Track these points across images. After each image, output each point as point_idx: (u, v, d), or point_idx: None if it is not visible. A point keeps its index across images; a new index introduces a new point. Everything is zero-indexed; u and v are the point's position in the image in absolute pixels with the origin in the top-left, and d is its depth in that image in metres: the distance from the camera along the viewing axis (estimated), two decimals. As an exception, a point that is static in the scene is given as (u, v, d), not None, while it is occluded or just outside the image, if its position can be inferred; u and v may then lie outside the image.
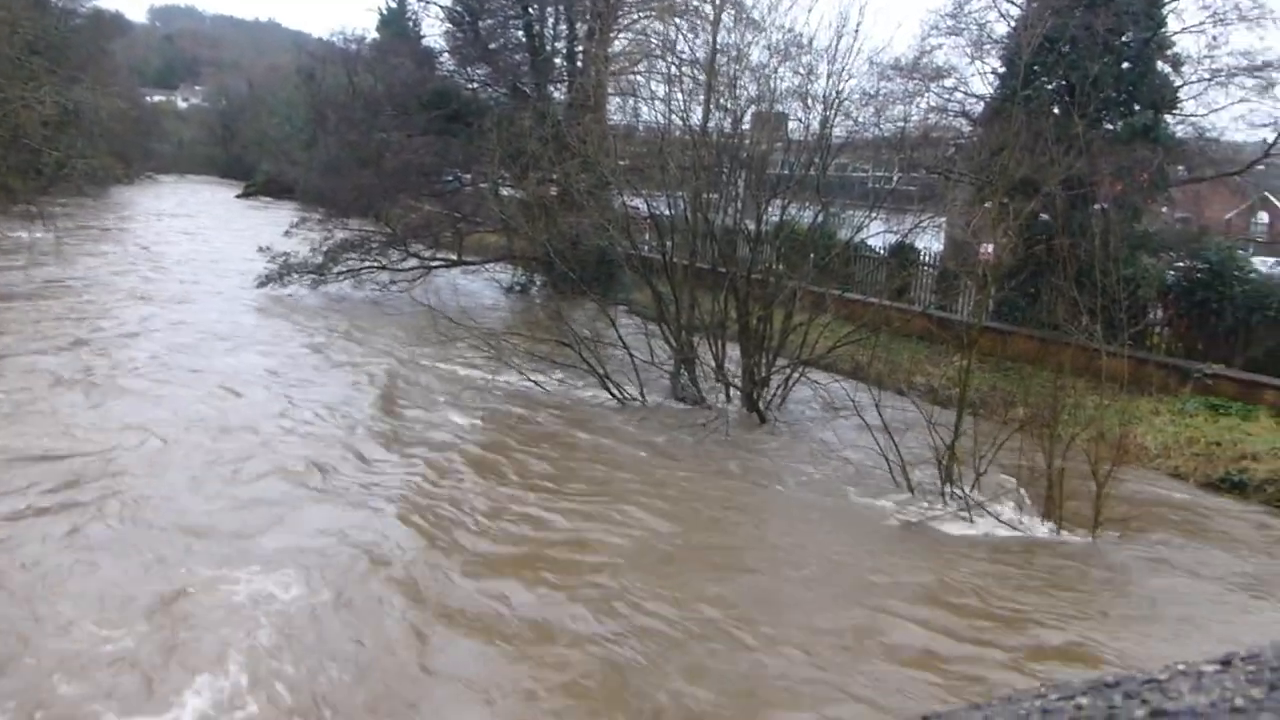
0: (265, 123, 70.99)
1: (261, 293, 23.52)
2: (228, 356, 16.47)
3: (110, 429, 11.63)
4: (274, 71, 77.75)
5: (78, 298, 21.43)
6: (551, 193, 20.04)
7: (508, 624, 7.41)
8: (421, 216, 26.80)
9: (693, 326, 15.04)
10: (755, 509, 10.63)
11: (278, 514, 9.46)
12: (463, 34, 29.02)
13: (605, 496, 10.57)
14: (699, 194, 15.10)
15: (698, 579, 8.48)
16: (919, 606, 8.15)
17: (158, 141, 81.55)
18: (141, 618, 7.09)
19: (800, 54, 16.09)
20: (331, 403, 14.03)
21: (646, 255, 16.90)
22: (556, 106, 24.01)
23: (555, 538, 9.28)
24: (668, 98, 17.03)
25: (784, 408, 14.39)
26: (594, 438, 12.95)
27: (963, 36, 18.98)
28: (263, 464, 10.95)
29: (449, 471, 11.15)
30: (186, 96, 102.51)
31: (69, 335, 16.97)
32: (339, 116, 32.95)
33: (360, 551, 8.63)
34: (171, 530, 8.79)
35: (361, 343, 18.69)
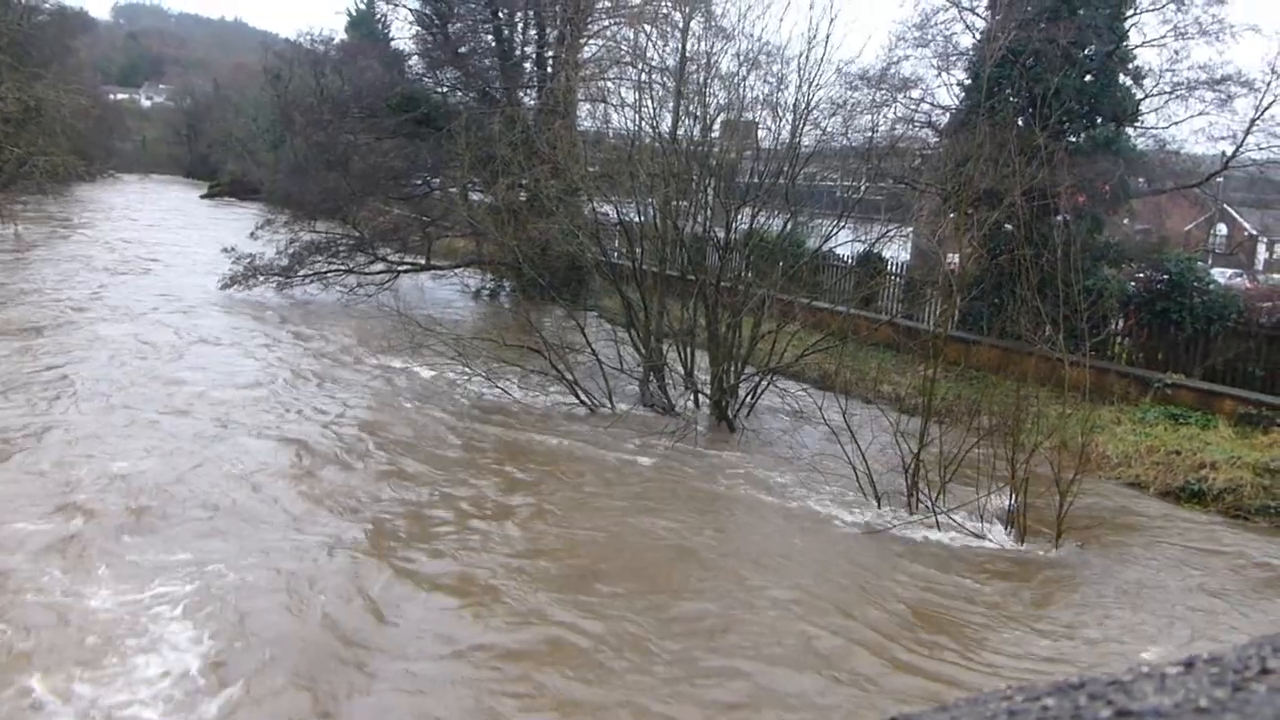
0: (231, 123, 70.22)
1: (225, 294, 23.27)
2: (187, 361, 16.28)
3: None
4: (240, 71, 76.98)
5: (34, 299, 21.09)
6: (521, 198, 20.03)
7: (454, 646, 7.35)
8: (390, 220, 26.67)
9: (662, 334, 15.08)
10: (722, 517, 10.67)
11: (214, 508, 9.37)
12: (432, 37, 28.90)
13: (571, 504, 10.57)
14: (668, 201, 15.15)
15: (662, 588, 8.51)
16: (882, 614, 8.23)
17: (120, 140, 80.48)
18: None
19: (770, 63, 16.22)
20: (291, 406, 13.98)
21: (616, 262, 16.91)
22: (526, 112, 23.99)
23: (516, 547, 9.26)
24: (637, 105, 17.06)
25: (752, 416, 14.46)
26: (562, 444, 12.93)
27: (929, 48, 19.19)
28: (213, 468, 10.84)
29: (409, 478, 11.09)
30: (150, 95, 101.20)
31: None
32: (306, 118, 32.62)
33: (298, 557, 8.56)
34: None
35: (326, 346, 18.53)
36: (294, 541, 9.00)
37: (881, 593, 8.73)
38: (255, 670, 6.63)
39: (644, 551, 9.34)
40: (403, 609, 7.79)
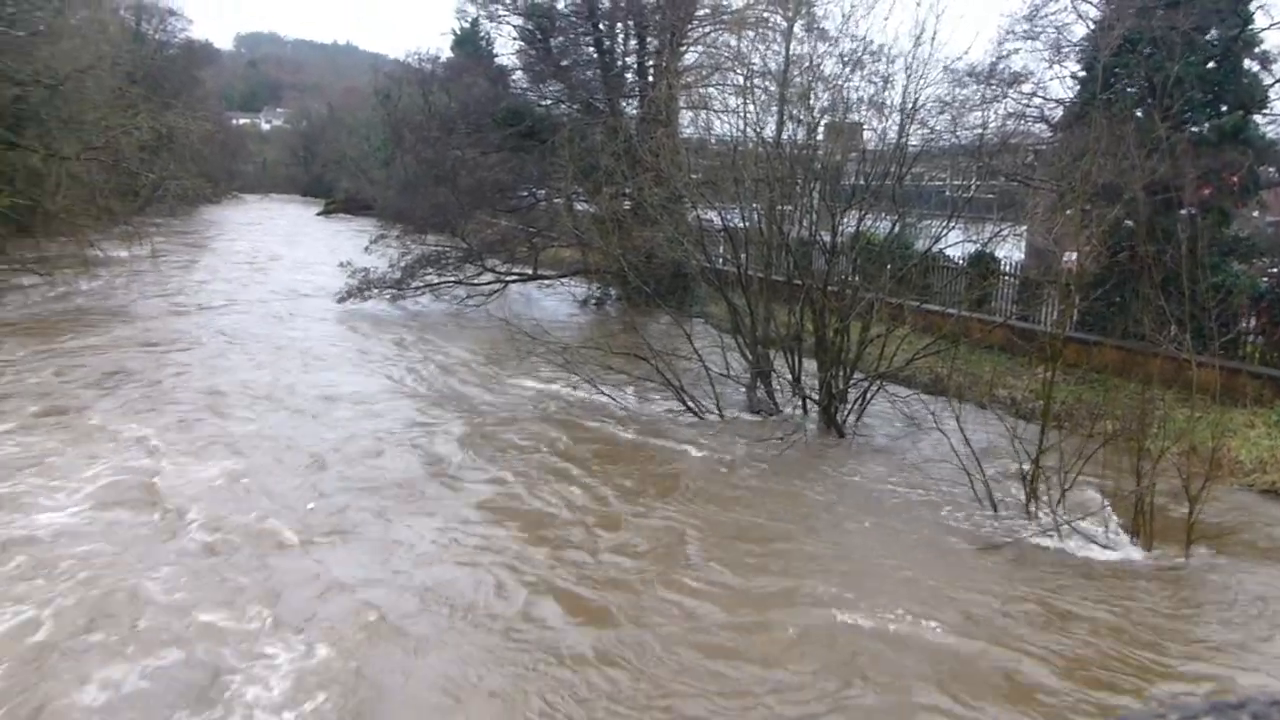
0: (344, 142, 72.73)
1: (342, 307, 24.17)
2: (311, 370, 17.01)
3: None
4: (352, 93, 79.68)
5: (168, 320, 22.30)
6: (625, 207, 20.17)
7: (560, 647, 7.46)
8: (497, 232, 27.21)
9: (768, 339, 14.99)
10: (832, 524, 10.53)
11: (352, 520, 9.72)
12: (535, 52, 29.39)
13: (680, 510, 10.60)
14: (773, 206, 15.07)
15: (774, 599, 8.45)
16: (1006, 627, 8.01)
17: (242, 162, 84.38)
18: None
19: (874, 63, 16.00)
20: (405, 415, 14.48)
21: (721, 268, 16.89)
22: (628, 121, 24.18)
23: (622, 553, 9.34)
24: (740, 110, 17.03)
25: (862, 421, 14.24)
26: (669, 450, 12.99)
27: (1039, 40, 18.61)
28: (344, 475, 11.24)
29: (522, 485, 11.29)
30: (269, 119, 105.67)
31: (160, 351, 17.75)
32: (415, 135, 33.63)
33: (415, 579, 8.79)
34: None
35: (438, 356, 19.03)
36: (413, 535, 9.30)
37: (1004, 604, 8.49)
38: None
39: (749, 562, 9.29)
40: (502, 609, 7.95)
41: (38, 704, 6.25)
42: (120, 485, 10.62)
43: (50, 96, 24.77)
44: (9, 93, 23.10)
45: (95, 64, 27.13)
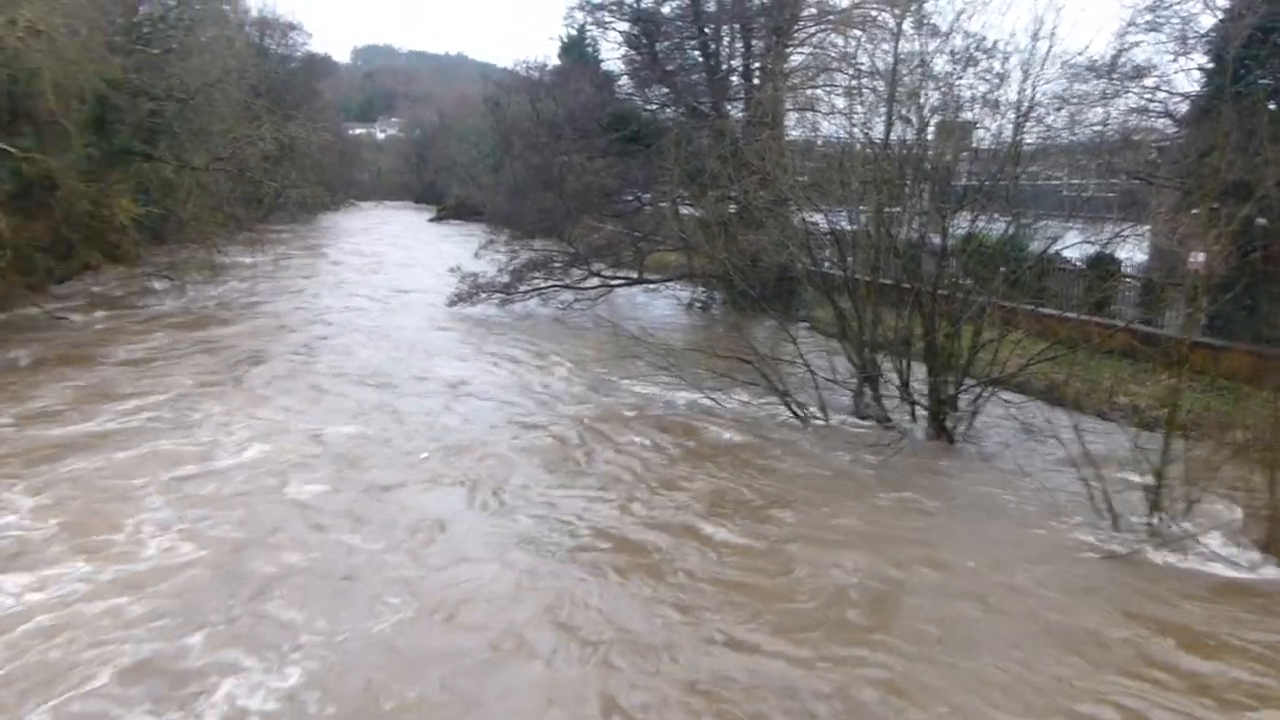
0: (454, 150, 74.46)
1: (452, 310, 24.79)
2: (422, 360, 17.63)
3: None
4: (462, 101, 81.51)
5: (299, 317, 23.29)
6: (730, 210, 20.10)
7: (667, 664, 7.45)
8: (603, 236, 27.46)
9: (876, 344, 14.73)
10: (943, 536, 10.27)
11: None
12: (640, 57, 29.60)
13: (783, 517, 10.50)
14: (881, 208, 14.81)
15: (878, 613, 8.28)
16: (1133, 651, 7.68)
17: (358, 171, 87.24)
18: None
19: (988, 59, 15.56)
20: (512, 416, 14.75)
21: (827, 271, 16.69)
22: (734, 124, 24.10)
23: (721, 562, 9.30)
24: (847, 111, 16.78)
25: (973, 429, 13.86)
26: (774, 456, 12.89)
27: (1163, 32, 17.81)
28: (441, 477, 11.53)
29: (626, 488, 11.36)
30: (384, 128, 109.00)
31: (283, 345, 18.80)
32: (523, 142, 34.23)
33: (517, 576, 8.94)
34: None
35: (544, 359, 19.31)
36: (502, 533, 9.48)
37: (1128, 626, 8.13)
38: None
39: (854, 572, 9.13)
40: (588, 615, 8.00)
41: (276, 554, 9.11)
42: (276, 436, 13.08)
43: (181, 110, 26.11)
44: (145, 107, 24.43)
45: (223, 79, 28.49)
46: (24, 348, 18.16)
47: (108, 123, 22.16)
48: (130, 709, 6.38)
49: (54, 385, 15.45)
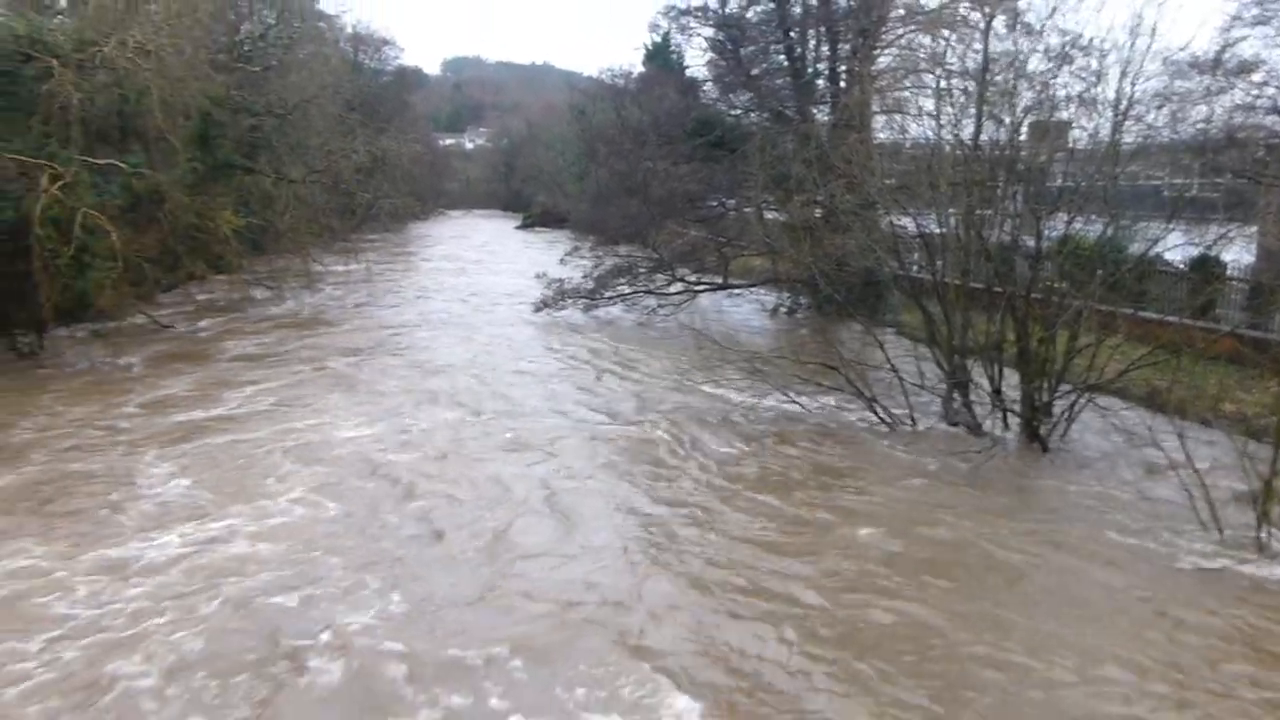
0: (541, 158, 75.37)
1: (538, 315, 25.11)
2: (511, 380, 17.87)
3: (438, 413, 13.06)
4: (549, 110, 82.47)
5: (393, 320, 23.96)
6: (816, 214, 19.94)
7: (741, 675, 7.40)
8: (687, 242, 27.48)
9: (966, 349, 14.42)
10: (1038, 546, 9.98)
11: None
12: (725, 62, 29.59)
13: (872, 526, 10.34)
14: (971, 210, 14.50)
15: (974, 627, 8.09)
16: (1241, 673, 7.37)
17: (448, 180, 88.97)
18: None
19: (1084, 57, 15.11)
20: (594, 413, 15.03)
21: (915, 275, 16.41)
22: (820, 128, 23.89)
23: (804, 571, 9.20)
24: (936, 112, 16.48)
25: (1068, 436, 13.46)
26: (860, 462, 12.72)
27: (1271, 25, 17.06)
28: (532, 475, 11.67)
29: (709, 494, 11.33)
30: (473, 138, 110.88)
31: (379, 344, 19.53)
32: (608, 149, 34.52)
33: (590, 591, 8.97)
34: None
35: (627, 362, 19.40)
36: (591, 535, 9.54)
37: (1239, 646, 7.80)
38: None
39: (943, 583, 8.95)
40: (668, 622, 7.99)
41: (395, 507, 11.00)
42: (380, 418, 14.72)
43: (280, 125, 26.99)
44: (246, 123, 25.32)
45: (319, 94, 29.41)
46: (135, 354, 19.08)
47: (211, 138, 23.03)
48: (316, 606, 8.30)
49: (173, 379, 17.01)
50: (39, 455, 12.43)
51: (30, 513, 10.40)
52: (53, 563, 9.02)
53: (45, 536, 9.66)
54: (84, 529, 9.92)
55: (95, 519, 10.24)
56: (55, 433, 13.46)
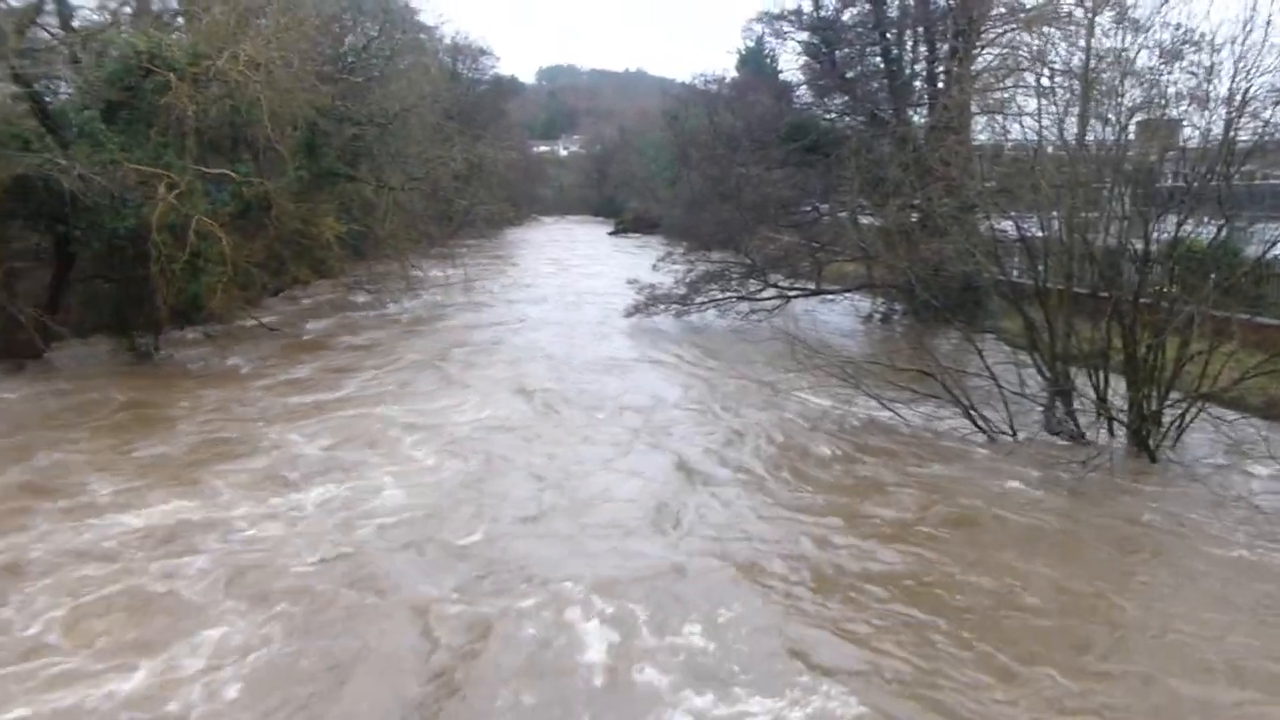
0: (633, 164, 75.83)
1: (629, 320, 25.23)
2: (603, 375, 18.46)
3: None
4: (642, 116, 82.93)
5: (491, 320, 24.55)
6: (913, 219, 19.58)
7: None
8: (780, 247, 27.29)
9: (1069, 356, 13.97)
10: (1146, 565, 9.61)
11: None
12: (819, 65, 29.29)
13: (967, 538, 10.10)
14: (1075, 213, 14.05)
15: (1082, 655, 7.80)
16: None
17: (542, 186, 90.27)
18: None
19: (1195, 53, 14.49)
20: (688, 424, 14.97)
21: (1016, 280, 15.98)
22: (917, 130, 23.47)
23: (900, 588, 9.02)
24: (1038, 112, 16.01)
25: (1179, 446, 12.93)
26: (957, 472, 12.42)
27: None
28: (622, 486, 11.74)
29: (800, 502, 11.22)
30: (566, 145, 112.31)
31: (478, 344, 20.36)
32: (700, 154, 34.49)
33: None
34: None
35: (720, 369, 19.37)
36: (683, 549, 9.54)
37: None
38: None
39: (1045, 603, 8.68)
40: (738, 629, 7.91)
41: (503, 465, 13.20)
42: (487, 399, 16.58)
43: (381, 134, 27.72)
44: (349, 132, 26.08)
45: (419, 103, 30.10)
46: (246, 354, 19.94)
47: (316, 147, 23.78)
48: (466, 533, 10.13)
49: (291, 369, 18.79)
50: (187, 427, 14.19)
51: (196, 467, 12.10)
52: (229, 509, 10.63)
53: (213, 488, 11.28)
54: (243, 483, 11.51)
55: (253, 475, 11.83)
56: (197, 414, 14.96)
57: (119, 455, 12.65)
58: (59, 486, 11.25)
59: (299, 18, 22.50)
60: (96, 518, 10.18)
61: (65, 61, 20.00)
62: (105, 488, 11.22)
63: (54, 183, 16.76)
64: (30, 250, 19.18)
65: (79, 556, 9.14)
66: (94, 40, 19.84)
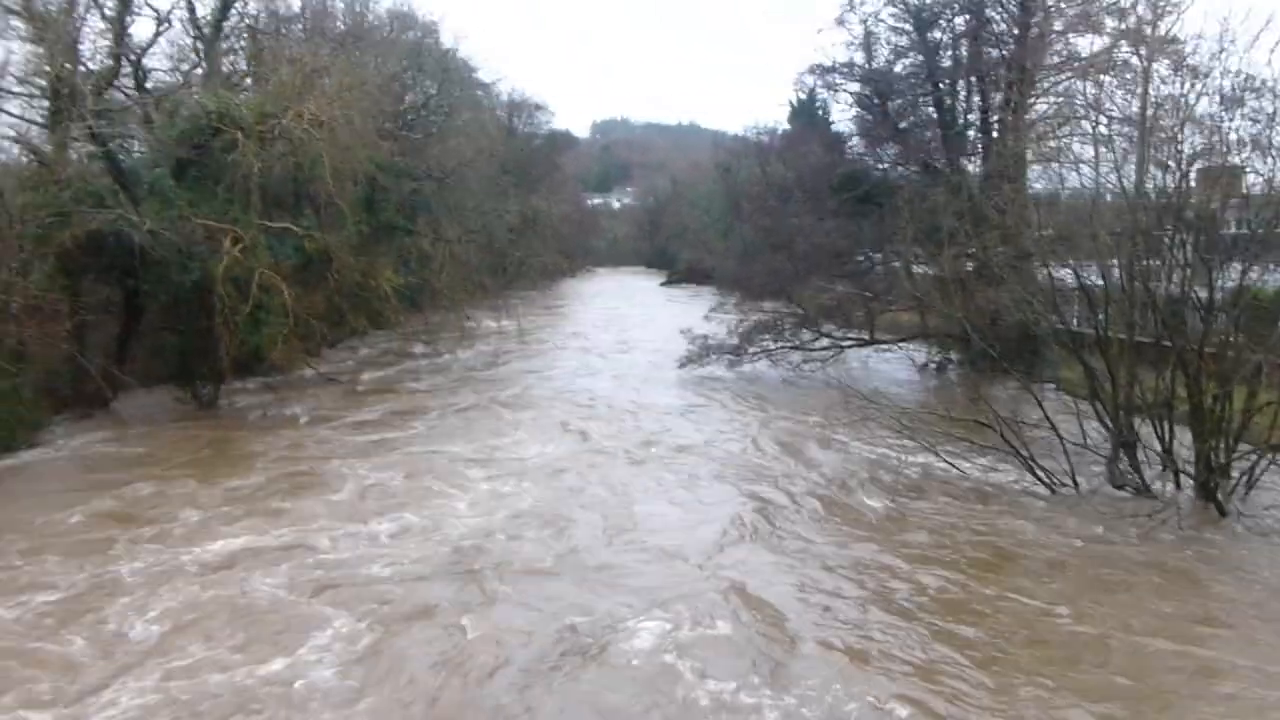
0: (685, 216, 76.38)
1: (682, 370, 25.23)
2: (652, 421, 18.65)
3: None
4: (694, 168, 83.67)
5: (545, 368, 24.72)
6: (968, 268, 19.42)
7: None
8: (833, 297, 27.16)
9: (1132, 406, 13.65)
10: (1218, 622, 9.26)
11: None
12: (872, 116, 29.36)
13: (1029, 595, 9.81)
14: (1135, 260, 13.82)
15: (1161, 714, 7.52)
16: None
17: (595, 238, 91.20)
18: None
19: (1257, 99, 14.28)
20: (738, 468, 14.96)
21: (1075, 329, 15.71)
22: (971, 179, 23.37)
23: (960, 650, 8.79)
24: (1095, 159, 15.87)
25: (1249, 499, 12.51)
26: (1018, 526, 12.13)
27: None
28: (672, 533, 11.65)
29: (857, 559, 11.03)
30: (619, 197, 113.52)
31: (534, 393, 20.61)
32: (753, 205, 34.69)
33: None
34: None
35: (773, 417, 19.26)
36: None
37: None
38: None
39: (1117, 662, 8.39)
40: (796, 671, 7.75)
41: (569, 499, 14.07)
42: (548, 439, 17.49)
43: (438, 188, 28.37)
44: (407, 187, 26.72)
45: (475, 158, 30.80)
46: (305, 402, 20.34)
47: (376, 201, 24.40)
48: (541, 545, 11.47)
49: (357, 411, 19.90)
50: (263, 464, 15.11)
51: (276, 497, 13.09)
52: (311, 533, 11.53)
53: (293, 515, 12.23)
54: (321, 511, 12.48)
55: (330, 504, 12.82)
56: (270, 454, 15.84)
57: (201, 489, 13.48)
58: (151, 516, 12.14)
59: (361, 77, 23.23)
60: (187, 543, 11.11)
61: (139, 121, 20.83)
62: (193, 516, 12.13)
63: (125, 238, 17.37)
64: (101, 303, 19.80)
65: (174, 574, 10.03)
66: (166, 101, 20.67)
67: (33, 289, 16.42)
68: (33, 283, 16.51)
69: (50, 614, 8.98)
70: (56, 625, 8.73)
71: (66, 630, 8.60)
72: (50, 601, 9.27)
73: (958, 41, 27.70)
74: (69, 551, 10.71)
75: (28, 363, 16.51)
